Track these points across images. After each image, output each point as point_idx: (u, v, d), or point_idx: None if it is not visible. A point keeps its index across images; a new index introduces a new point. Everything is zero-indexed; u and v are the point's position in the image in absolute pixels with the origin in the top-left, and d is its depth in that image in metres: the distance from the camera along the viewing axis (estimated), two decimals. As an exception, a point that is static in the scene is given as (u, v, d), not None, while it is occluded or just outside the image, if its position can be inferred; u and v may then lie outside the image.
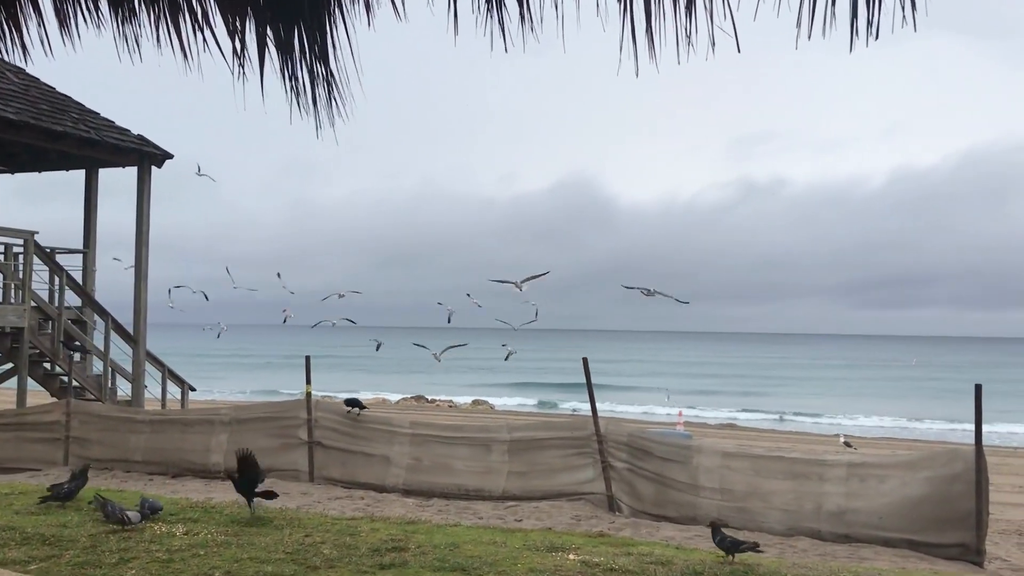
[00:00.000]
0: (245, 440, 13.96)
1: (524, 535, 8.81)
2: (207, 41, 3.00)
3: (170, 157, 19.36)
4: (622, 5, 2.57)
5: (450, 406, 42.42)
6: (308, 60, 2.89)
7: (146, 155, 18.84)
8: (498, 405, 45.84)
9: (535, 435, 12.73)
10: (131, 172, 19.03)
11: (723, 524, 8.91)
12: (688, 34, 2.51)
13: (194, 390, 21.30)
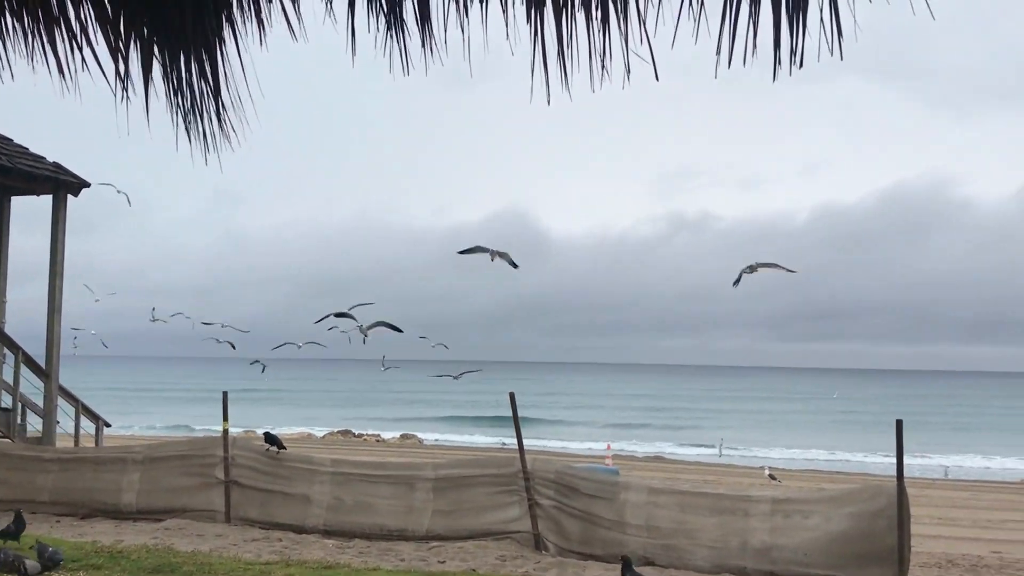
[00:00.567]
0: (159, 479, 13.45)
1: (446, 578, 8.55)
2: (87, 61, 2.79)
3: (87, 186, 18.72)
4: (532, 26, 2.46)
5: (377, 440, 41.74)
6: (197, 82, 2.71)
7: (62, 183, 18.17)
8: (427, 440, 45.27)
9: (460, 472, 12.47)
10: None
11: (630, 560, 8.86)
12: (603, 60, 2.40)
13: (109, 426, 20.52)
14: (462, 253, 13.51)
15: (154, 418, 59.95)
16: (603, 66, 2.40)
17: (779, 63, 2.25)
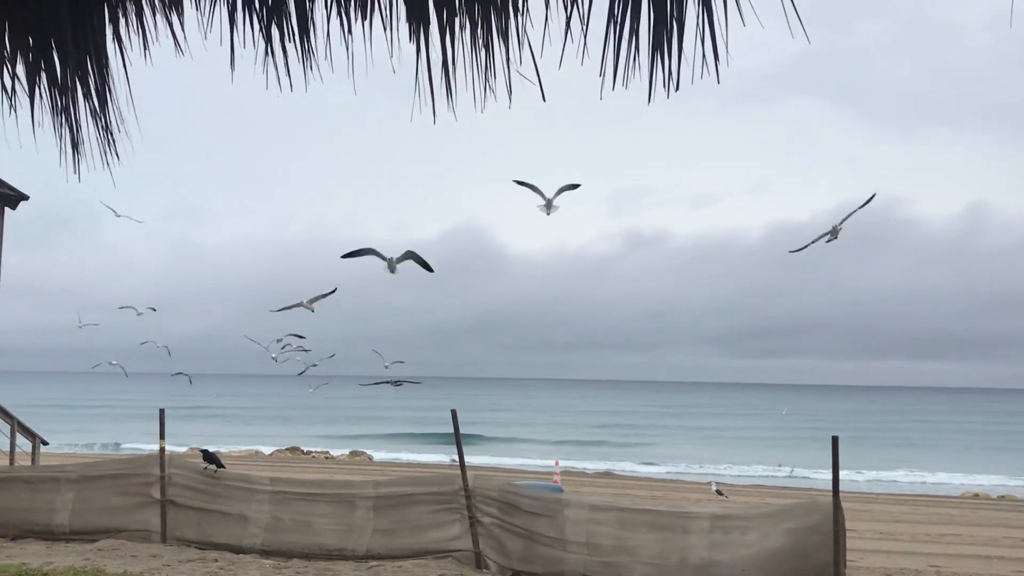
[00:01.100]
0: (93, 498, 13.14)
1: (381, 598, 8.45)
2: None
3: (25, 198, 18.36)
4: (416, 43, 2.45)
5: (327, 458, 41.29)
6: (82, 97, 2.65)
7: (-1, 196, 17.82)
8: (377, 457, 44.91)
9: (401, 490, 12.35)
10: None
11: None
12: (485, 78, 2.40)
13: (46, 444, 20.05)
14: (347, 257, 11.99)
15: (95, 435, 58.67)
16: (487, 86, 2.41)
17: (655, 86, 2.26)
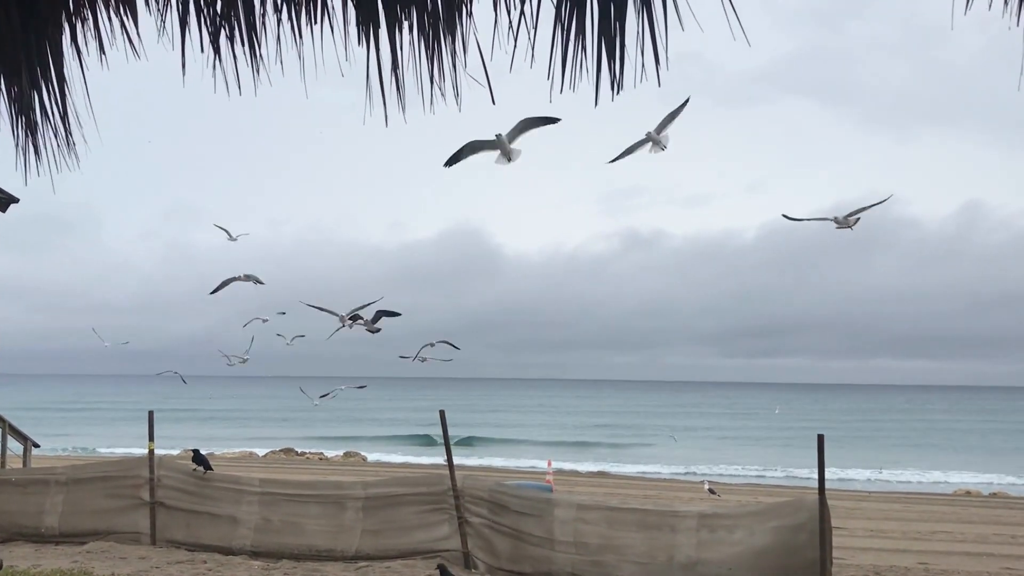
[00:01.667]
0: (83, 501, 13.14)
1: (367, 598, 8.48)
2: None
3: (15, 201, 18.26)
4: (367, 47, 2.47)
5: (320, 459, 41.28)
6: (44, 104, 2.68)
7: (-13, 198, 17.79)
8: (371, 458, 44.92)
9: (390, 491, 12.38)
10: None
11: (446, 567, 9.32)
12: (432, 80, 2.43)
13: (38, 446, 20.03)
14: (215, 292, 14.72)
15: (87, 439, 58.48)
16: (438, 88, 2.43)
17: (601, 88, 2.29)
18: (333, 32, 2.49)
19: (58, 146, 2.76)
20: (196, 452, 13.43)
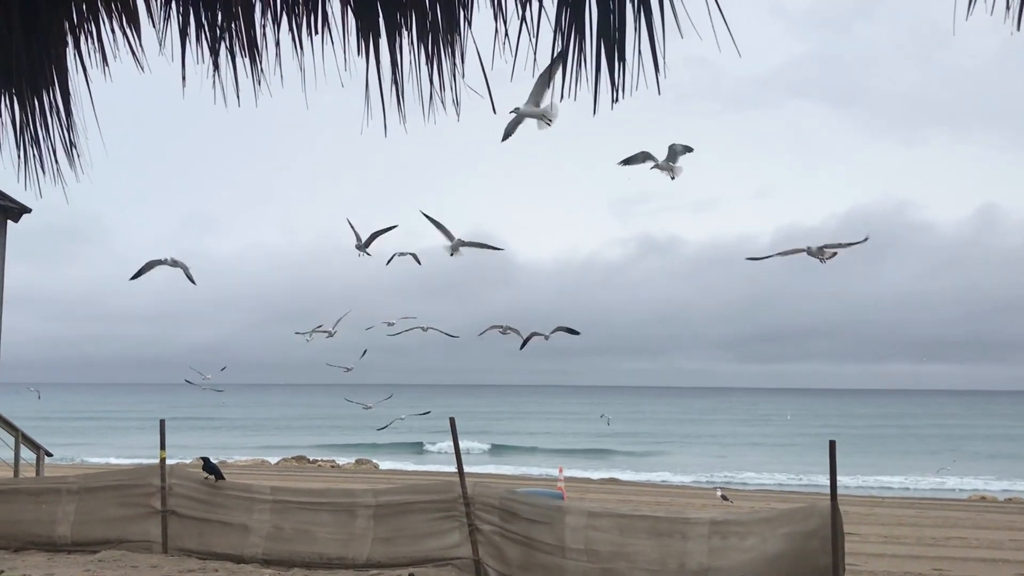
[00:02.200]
0: (95, 510, 13.19)
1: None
2: None
3: (28, 211, 18.47)
4: (367, 58, 2.48)
5: (332, 466, 41.33)
6: (48, 115, 2.69)
7: (1, 209, 17.92)
8: (383, 466, 44.92)
9: (401, 499, 12.38)
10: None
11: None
12: (432, 89, 2.43)
13: (50, 455, 20.14)
14: (135, 277, 13.46)
15: (101, 448, 58.66)
16: (439, 98, 2.43)
17: (599, 96, 2.29)
18: (333, 42, 2.51)
19: (63, 158, 2.78)
20: (206, 460, 13.47)
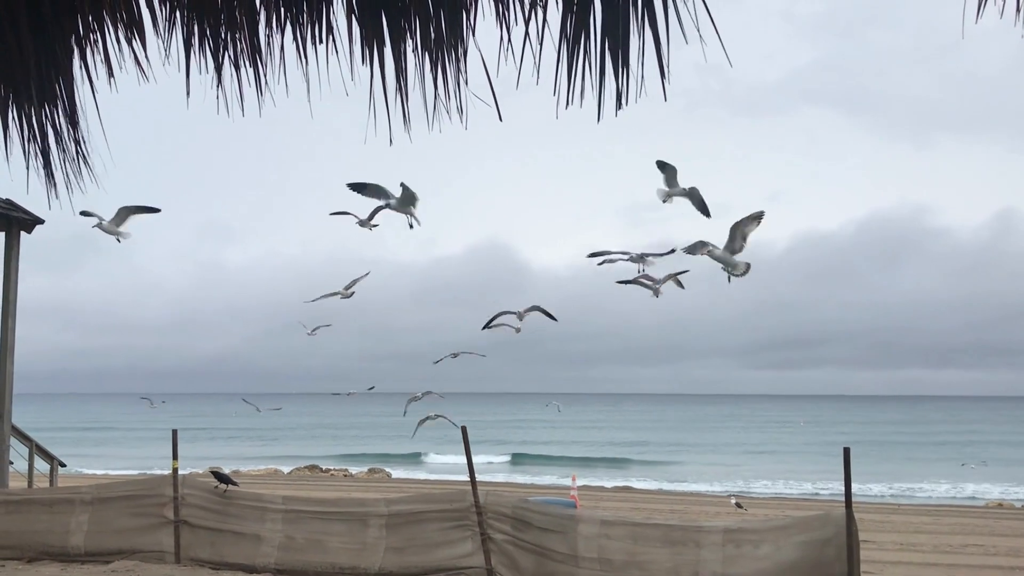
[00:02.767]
0: (108, 520, 13.21)
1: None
2: None
3: (40, 222, 18.54)
4: (371, 66, 2.47)
5: (345, 476, 41.35)
6: (55, 126, 2.69)
7: (14, 220, 17.98)
8: (396, 475, 44.91)
9: (414, 508, 12.37)
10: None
11: None
12: (437, 97, 2.41)
13: (64, 465, 20.23)
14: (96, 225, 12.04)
15: (116, 459, 58.88)
16: (444, 106, 2.42)
17: (602, 104, 2.27)
18: (338, 51, 2.50)
19: (72, 169, 2.78)
20: (217, 472, 13.51)
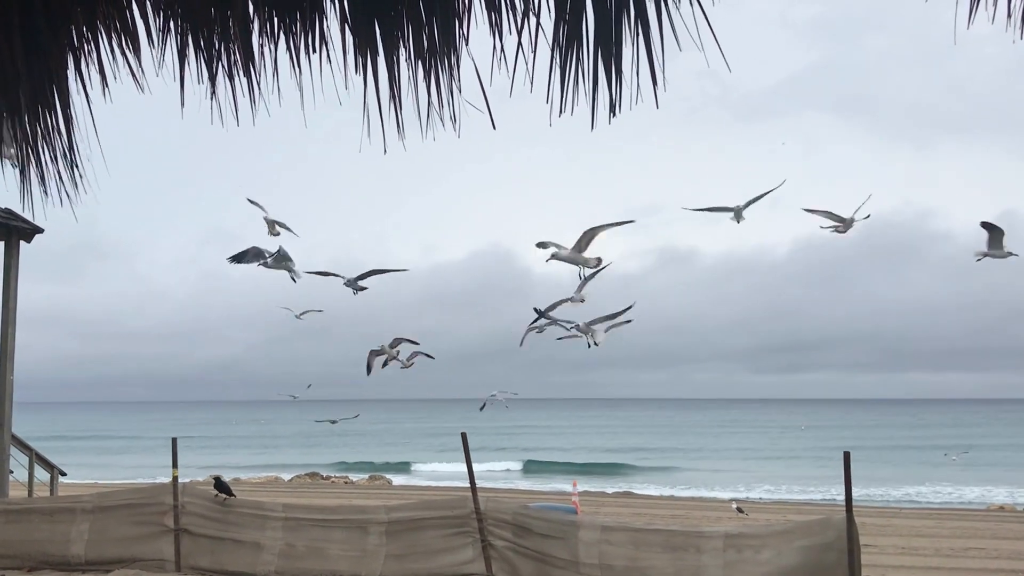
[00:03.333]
0: (108, 528, 13.20)
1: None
2: None
3: (40, 231, 18.59)
4: (364, 74, 2.47)
5: (345, 483, 41.32)
6: (49, 135, 2.70)
7: (13, 229, 18.01)
8: (397, 481, 44.88)
9: (414, 515, 12.35)
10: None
11: None
12: (431, 105, 2.42)
13: (64, 474, 20.21)
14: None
15: (117, 469, 58.82)
16: (437, 114, 2.42)
17: (597, 111, 2.27)
18: (331, 61, 2.51)
19: (67, 178, 2.78)
20: (218, 479, 13.47)
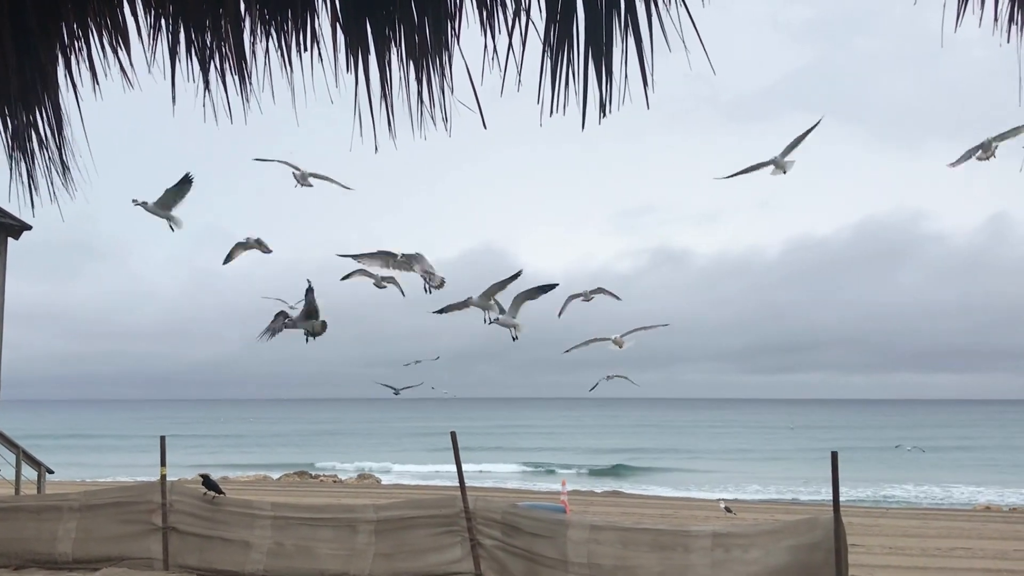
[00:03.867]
0: (96, 527, 13.15)
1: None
2: None
3: (28, 228, 18.53)
4: (356, 74, 2.48)
5: (335, 481, 41.24)
6: (39, 132, 2.70)
7: (1, 226, 17.97)
8: (386, 480, 44.84)
9: (402, 513, 12.33)
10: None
11: None
12: (422, 104, 2.43)
13: (52, 472, 20.13)
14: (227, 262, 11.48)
15: (104, 467, 58.57)
16: (428, 113, 2.43)
17: (588, 111, 2.29)
18: (323, 59, 2.51)
19: (56, 175, 2.78)
20: (206, 477, 13.44)
